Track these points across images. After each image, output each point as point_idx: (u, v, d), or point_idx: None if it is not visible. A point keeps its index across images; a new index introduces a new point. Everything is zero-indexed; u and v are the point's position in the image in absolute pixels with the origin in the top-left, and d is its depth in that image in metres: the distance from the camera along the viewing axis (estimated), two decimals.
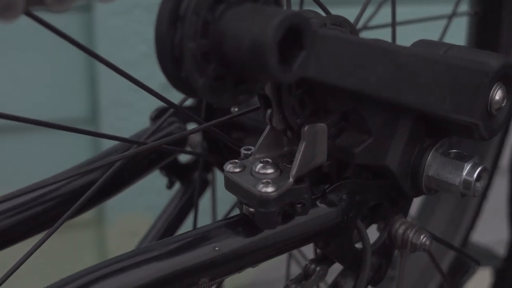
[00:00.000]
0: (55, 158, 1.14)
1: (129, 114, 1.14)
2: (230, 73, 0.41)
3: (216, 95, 0.41)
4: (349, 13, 0.54)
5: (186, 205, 0.70)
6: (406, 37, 0.61)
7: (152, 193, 1.17)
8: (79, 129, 0.47)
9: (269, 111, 0.47)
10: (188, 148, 0.69)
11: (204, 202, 0.74)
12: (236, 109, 0.61)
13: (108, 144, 0.59)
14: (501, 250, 1.04)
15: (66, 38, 0.40)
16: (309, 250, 0.60)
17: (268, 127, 0.49)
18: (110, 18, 1.10)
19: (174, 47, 0.39)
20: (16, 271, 0.45)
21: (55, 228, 0.48)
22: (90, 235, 1.24)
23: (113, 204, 1.17)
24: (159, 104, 0.66)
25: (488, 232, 1.09)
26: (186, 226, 0.69)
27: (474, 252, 0.97)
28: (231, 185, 0.47)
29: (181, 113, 0.65)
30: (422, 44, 0.53)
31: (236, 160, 0.48)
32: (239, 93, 0.42)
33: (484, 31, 0.87)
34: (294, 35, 0.39)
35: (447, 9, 0.82)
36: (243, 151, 0.49)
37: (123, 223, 1.20)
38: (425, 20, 0.81)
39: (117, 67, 0.44)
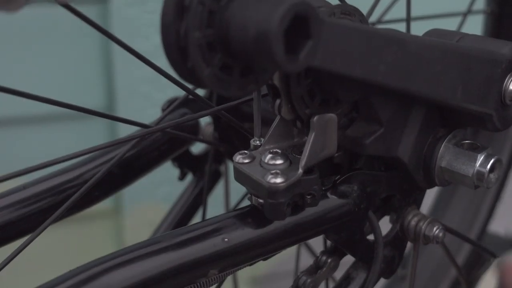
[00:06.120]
0: (68, 151, 1.15)
1: (145, 105, 1.14)
2: (236, 63, 0.40)
3: (223, 85, 0.40)
4: (364, 5, 0.53)
5: (198, 196, 0.70)
6: (420, 31, 0.60)
7: (169, 184, 1.17)
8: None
9: (278, 101, 0.47)
10: None
11: (218, 193, 0.74)
12: None
13: None
14: None
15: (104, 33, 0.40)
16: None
17: (277, 118, 0.48)
18: (125, 9, 1.10)
19: (180, 37, 0.39)
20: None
21: (62, 211, 0.48)
22: (108, 225, 1.25)
23: (130, 194, 1.17)
24: (175, 95, 0.66)
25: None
26: (200, 217, 0.69)
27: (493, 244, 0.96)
28: (240, 176, 0.47)
29: (192, 102, 0.65)
30: (434, 33, 0.52)
31: (246, 151, 0.48)
32: (246, 83, 0.42)
33: (499, 30, 0.86)
34: (301, 23, 0.38)
35: (464, 1, 0.81)
36: (252, 142, 0.49)
37: (141, 213, 1.21)
38: (439, 17, 0.80)
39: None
